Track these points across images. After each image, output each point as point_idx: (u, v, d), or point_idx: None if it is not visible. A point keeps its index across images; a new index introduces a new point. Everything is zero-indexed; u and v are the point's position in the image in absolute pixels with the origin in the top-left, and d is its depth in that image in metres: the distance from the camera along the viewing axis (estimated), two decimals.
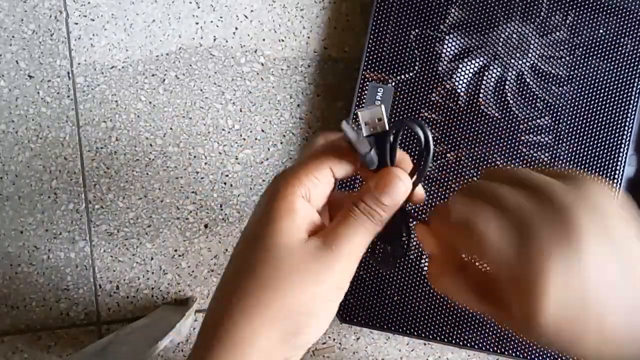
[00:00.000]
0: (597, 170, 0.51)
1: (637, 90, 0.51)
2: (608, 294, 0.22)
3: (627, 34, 0.51)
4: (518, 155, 0.52)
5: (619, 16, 0.51)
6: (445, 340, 0.53)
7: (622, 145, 0.51)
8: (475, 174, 0.52)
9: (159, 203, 0.57)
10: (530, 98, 0.52)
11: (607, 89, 0.51)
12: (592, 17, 0.51)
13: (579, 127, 0.52)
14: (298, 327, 0.25)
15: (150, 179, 0.56)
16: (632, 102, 0.51)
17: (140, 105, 0.56)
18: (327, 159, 0.27)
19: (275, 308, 0.25)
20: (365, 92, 0.52)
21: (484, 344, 0.52)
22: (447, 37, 0.52)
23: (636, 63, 0.51)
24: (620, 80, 0.51)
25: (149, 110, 0.56)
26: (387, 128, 0.26)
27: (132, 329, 0.54)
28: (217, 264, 0.58)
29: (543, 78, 0.52)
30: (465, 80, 0.52)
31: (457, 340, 0.53)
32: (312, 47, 0.57)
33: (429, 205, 0.52)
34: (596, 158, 0.51)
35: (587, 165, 0.51)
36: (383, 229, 0.28)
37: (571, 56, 0.52)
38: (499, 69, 0.52)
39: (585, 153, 0.51)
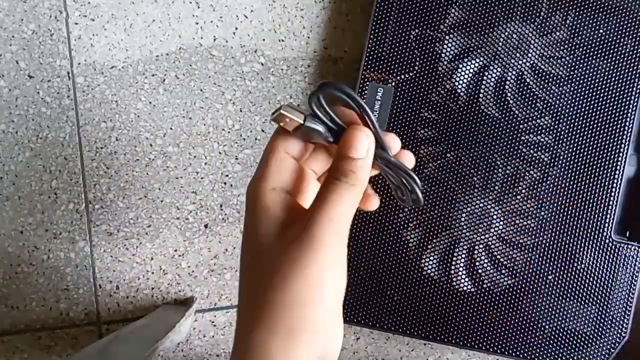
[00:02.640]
0: (597, 170, 0.51)
1: (637, 90, 0.51)
2: None
3: (627, 34, 0.51)
4: (518, 155, 0.52)
5: (619, 16, 0.51)
6: (445, 340, 0.53)
7: (622, 145, 0.51)
8: (475, 174, 0.52)
9: (159, 203, 0.57)
10: (530, 98, 0.52)
11: (607, 89, 0.51)
12: (592, 17, 0.51)
13: (579, 127, 0.52)
14: (303, 317, 0.25)
15: (150, 179, 0.56)
16: (632, 102, 0.51)
17: (140, 105, 0.56)
18: (276, 144, 0.28)
19: (274, 304, 0.25)
20: (365, 92, 0.52)
21: (484, 344, 0.52)
22: (447, 37, 0.52)
23: (636, 63, 0.51)
24: (620, 80, 0.51)
25: (149, 110, 0.56)
26: (305, 114, 0.27)
27: (132, 329, 0.54)
28: (217, 264, 0.58)
29: (543, 78, 0.52)
30: (465, 80, 0.52)
31: (457, 340, 0.53)
32: (312, 47, 0.57)
33: (429, 205, 0.52)
34: (596, 158, 0.51)
35: (587, 165, 0.51)
36: (394, 185, 0.28)
37: (571, 56, 0.52)
38: (499, 69, 0.52)
39: (585, 153, 0.51)
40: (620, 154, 0.51)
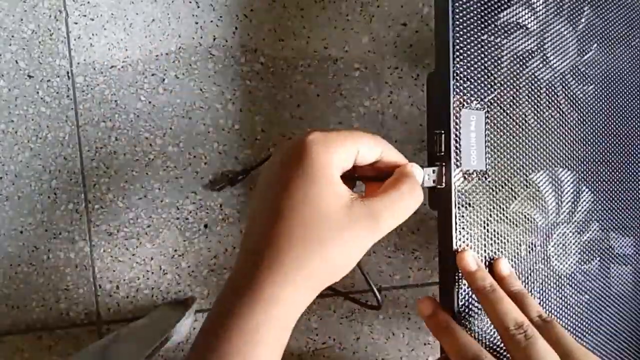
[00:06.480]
0: None
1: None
2: None
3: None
4: None
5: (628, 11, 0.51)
6: None
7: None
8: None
9: (159, 203, 0.57)
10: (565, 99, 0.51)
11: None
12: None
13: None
14: (332, 279, 0.29)
15: (150, 179, 0.56)
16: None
17: (140, 105, 0.56)
18: (358, 140, 0.31)
19: (316, 265, 0.28)
20: (460, 121, 0.40)
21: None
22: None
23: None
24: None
25: (149, 110, 0.56)
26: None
27: (132, 329, 0.54)
28: (217, 264, 0.58)
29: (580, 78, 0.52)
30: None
31: None
32: (312, 47, 0.57)
33: None
34: None
35: None
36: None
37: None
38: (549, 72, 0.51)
39: None
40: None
